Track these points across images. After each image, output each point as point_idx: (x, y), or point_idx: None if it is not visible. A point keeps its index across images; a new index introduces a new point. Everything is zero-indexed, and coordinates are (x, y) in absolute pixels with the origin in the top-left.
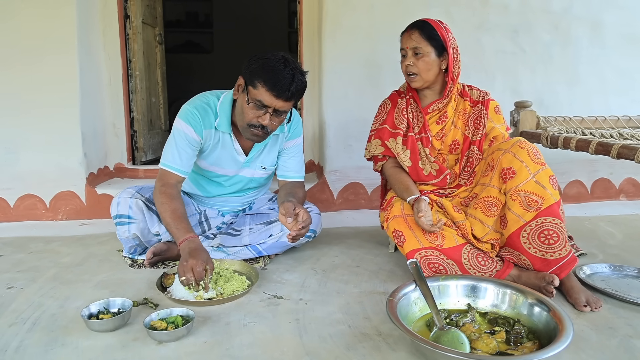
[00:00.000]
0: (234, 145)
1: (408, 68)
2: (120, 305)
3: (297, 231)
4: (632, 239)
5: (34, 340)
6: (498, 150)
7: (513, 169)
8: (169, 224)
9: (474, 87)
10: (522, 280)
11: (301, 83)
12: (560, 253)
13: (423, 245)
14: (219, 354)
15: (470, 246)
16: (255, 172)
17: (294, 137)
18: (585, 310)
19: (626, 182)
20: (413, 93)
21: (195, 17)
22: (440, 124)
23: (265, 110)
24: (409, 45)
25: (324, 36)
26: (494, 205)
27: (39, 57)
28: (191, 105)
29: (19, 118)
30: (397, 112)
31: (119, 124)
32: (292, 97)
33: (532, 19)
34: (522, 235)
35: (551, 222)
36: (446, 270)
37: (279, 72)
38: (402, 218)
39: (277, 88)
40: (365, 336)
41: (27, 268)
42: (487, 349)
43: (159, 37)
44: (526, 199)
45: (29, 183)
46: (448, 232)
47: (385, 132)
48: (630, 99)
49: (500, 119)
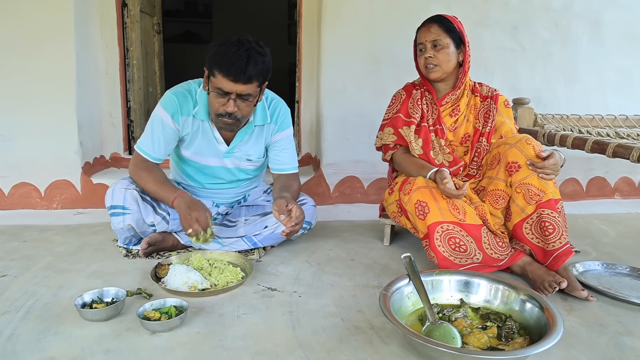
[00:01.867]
0: (214, 134)
1: (428, 60)
2: (114, 295)
3: (291, 228)
4: (626, 237)
5: (27, 328)
6: (505, 145)
7: (519, 163)
8: (156, 191)
9: (483, 84)
10: (531, 268)
11: (260, 64)
12: (554, 245)
13: (446, 218)
14: (212, 345)
15: (487, 229)
16: (241, 164)
17: (283, 129)
18: (583, 294)
19: (621, 181)
20: (428, 86)
21: (194, 7)
22: (454, 117)
23: (228, 97)
24: (428, 38)
25: (324, 29)
26: (501, 197)
27: (35, 44)
28: (172, 92)
29: (15, 106)
30: (411, 102)
31: (116, 113)
32: (250, 80)
33: (532, 16)
34: (525, 226)
35: (548, 214)
36: (466, 247)
37: (232, 55)
38: (427, 189)
39: (232, 72)
40: (358, 329)
41: (21, 256)
42: (479, 344)
43: (157, 27)
44: (529, 192)
45: (24, 171)
46: (469, 209)
47: (399, 120)
48: (628, 98)
49: (509, 112)
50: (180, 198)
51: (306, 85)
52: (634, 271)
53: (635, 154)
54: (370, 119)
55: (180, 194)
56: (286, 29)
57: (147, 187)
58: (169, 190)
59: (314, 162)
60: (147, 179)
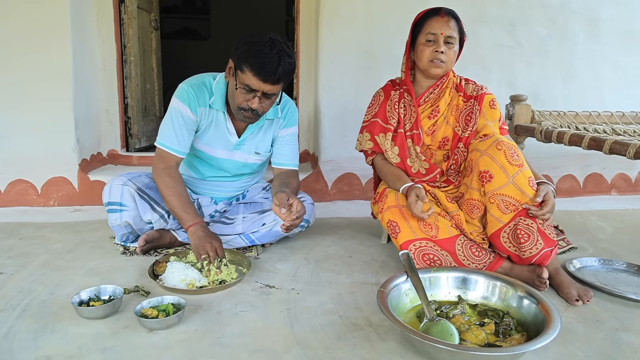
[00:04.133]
0: (227, 124)
1: (439, 55)
2: (111, 292)
3: (291, 221)
4: (622, 233)
5: (24, 326)
6: (476, 151)
7: (490, 172)
8: (176, 206)
9: (470, 81)
10: (515, 273)
11: (288, 65)
12: (531, 252)
13: (417, 236)
14: (210, 343)
15: (464, 237)
16: (249, 157)
17: (289, 126)
18: (578, 304)
19: (618, 177)
20: (408, 85)
21: (192, 3)
22: (432, 119)
23: (254, 94)
24: (444, 31)
25: (321, 25)
26: (476, 207)
27: (32, 41)
28: (187, 84)
29: (11, 102)
30: (389, 105)
31: (113, 110)
32: (279, 80)
33: (529, 13)
34: (502, 235)
35: (523, 222)
36: (441, 262)
37: (265, 56)
38: (397, 209)
39: (263, 72)
40: (356, 326)
41: (18, 254)
42: (476, 341)
43: (154, 23)
44: (504, 202)
45: (21, 168)
46: (442, 223)
47: (377, 126)
48: (625, 95)
49: (494, 114)
50: (199, 226)
51: (304, 81)
52: (631, 267)
53: (632, 150)
54: None
55: (199, 222)
56: (284, 26)
57: (169, 198)
58: (191, 213)
59: (312, 158)
60: (172, 190)
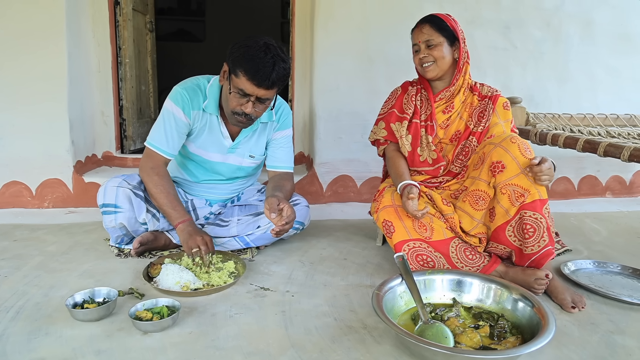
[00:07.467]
0: (221, 128)
1: (423, 59)
2: (106, 294)
3: (281, 227)
4: (617, 235)
5: (18, 328)
6: (489, 144)
7: (503, 162)
8: (165, 204)
9: (485, 85)
10: (509, 276)
11: (283, 70)
12: (533, 249)
13: (412, 236)
14: (205, 345)
15: (458, 240)
16: (243, 161)
17: (283, 129)
18: (574, 311)
19: (612, 179)
20: (424, 83)
21: (187, 5)
22: (447, 114)
23: (248, 98)
24: (421, 39)
25: (316, 27)
26: (482, 198)
27: (27, 43)
28: (181, 87)
29: (5, 104)
30: (406, 98)
31: (108, 111)
32: (273, 85)
33: (524, 16)
34: (508, 229)
35: (530, 216)
36: (434, 263)
37: (259, 61)
38: (392, 208)
39: (257, 77)
40: (351, 329)
41: (12, 256)
42: (471, 343)
43: (149, 25)
44: (515, 192)
45: (15, 170)
46: (437, 224)
47: (393, 115)
48: (619, 97)
49: (507, 114)
50: (188, 222)
51: (299, 84)
52: (625, 270)
53: (626, 153)
54: (363, 118)
55: (188, 219)
56: (279, 28)
57: (158, 196)
58: (180, 210)
59: (307, 161)
60: (160, 189)
